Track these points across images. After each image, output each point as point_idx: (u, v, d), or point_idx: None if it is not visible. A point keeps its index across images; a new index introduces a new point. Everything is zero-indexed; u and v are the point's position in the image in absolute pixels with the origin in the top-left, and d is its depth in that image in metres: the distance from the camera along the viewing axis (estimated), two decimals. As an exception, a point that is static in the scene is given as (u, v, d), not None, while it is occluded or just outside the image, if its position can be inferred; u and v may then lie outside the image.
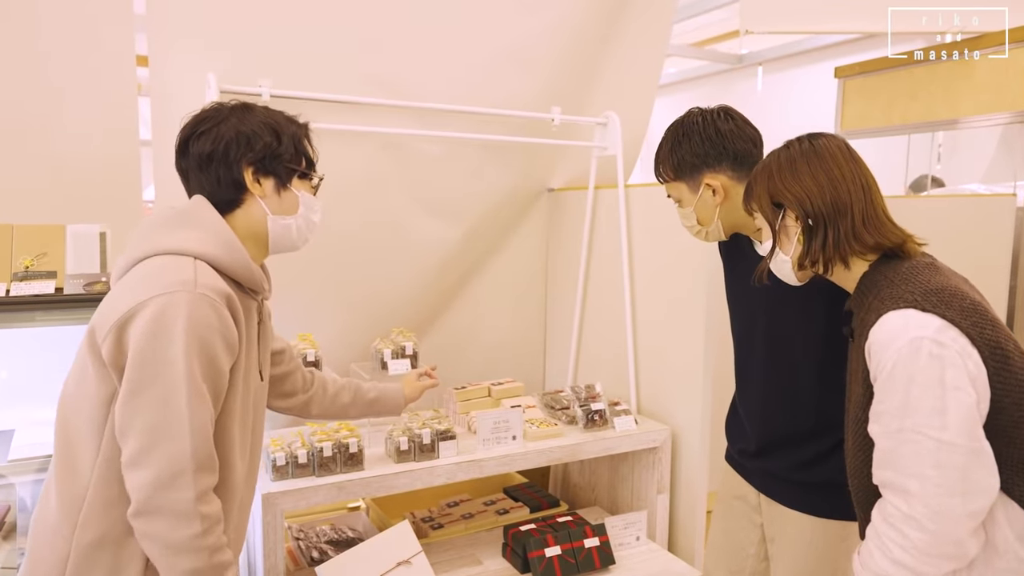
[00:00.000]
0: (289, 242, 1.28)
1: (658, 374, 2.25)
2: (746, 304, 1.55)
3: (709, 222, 1.47)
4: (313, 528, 2.24)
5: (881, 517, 1.08)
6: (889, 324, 1.05)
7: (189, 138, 1.21)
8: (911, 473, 1.03)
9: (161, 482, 1.04)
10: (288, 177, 1.24)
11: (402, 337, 2.09)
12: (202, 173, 1.20)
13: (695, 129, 1.44)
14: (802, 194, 1.15)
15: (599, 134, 2.46)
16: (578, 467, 2.52)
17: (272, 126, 1.22)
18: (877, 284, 1.12)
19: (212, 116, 1.21)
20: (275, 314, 2.20)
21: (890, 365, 1.04)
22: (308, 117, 1.99)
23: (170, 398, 1.05)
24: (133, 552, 1.11)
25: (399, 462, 1.82)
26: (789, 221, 1.18)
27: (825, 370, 1.40)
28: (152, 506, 1.04)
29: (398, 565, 1.75)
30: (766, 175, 1.21)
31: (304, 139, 1.28)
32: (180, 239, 1.14)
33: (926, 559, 1.02)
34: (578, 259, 2.53)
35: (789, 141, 1.22)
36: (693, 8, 4.33)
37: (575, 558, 1.94)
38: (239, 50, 1.92)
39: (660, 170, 1.51)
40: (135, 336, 1.06)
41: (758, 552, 1.57)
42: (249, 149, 1.19)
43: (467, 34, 2.19)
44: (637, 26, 2.46)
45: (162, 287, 1.07)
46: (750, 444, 1.54)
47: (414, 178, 2.28)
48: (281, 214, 1.24)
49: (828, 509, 1.41)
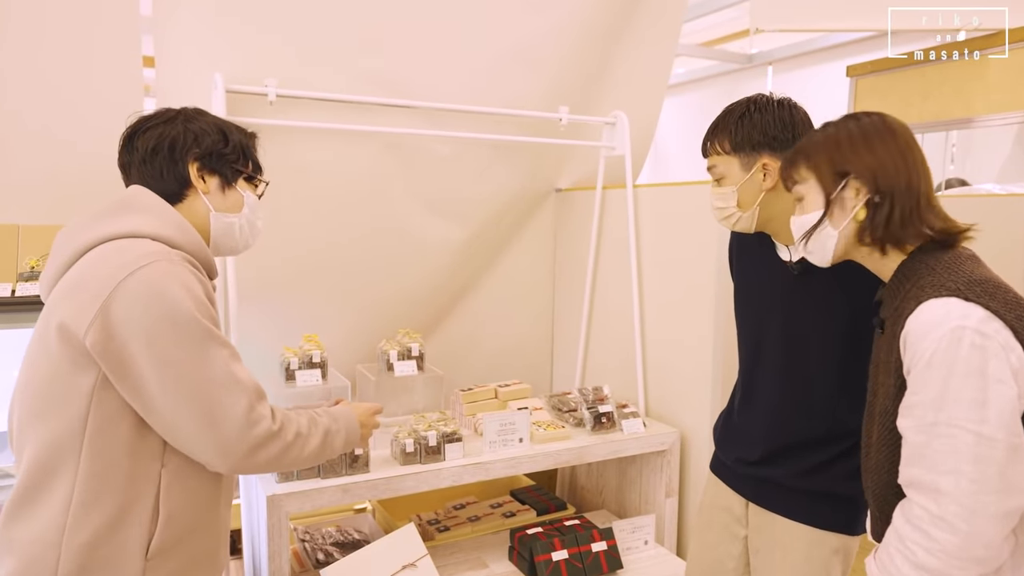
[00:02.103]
0: (232, 242, 1.27)
1: (666, 376, 2.23)
2: (758, 302, 1.51)
3: (748, 207, 1.40)
4: (319, 530, 2.23)
5: (904, 519, 1.05)
6: (929, 312, 1.01)
7: (135, 133, 1.20)
8: (945, 470, 0.98)
9: (241, 431, 1.08)
10: (234, 177, 1.25)
11: (408, 338, 2.08)
12: (146, 166, 1.19)
13: (770, 108, 1.39)
14: (876, 167, 1.10)
15: (607, 134, 2.44)
16: (585, 470, 2.50)
17: (220, 128, 1.24)
18: (917, 272, 1.08)
19: (161, 115, 1.22)
20: (282, 314, 2.21)
21: (928, 354, 1.00)
22: (314, 117, 2.01)
23: (203, 360, 1.06)
24: (131, 545, 1.08)
25: (405, 464, 1.81)
26: (848, 194, 1.12)
27: (843, 372, 1.37)
28: (245, 451, 1.09)
29: (404, 568, 1.74)
30: (830, 144, 1.15)
31: (251, 147, 1.29)
32: (131, 223, 1.11)
33: (954, 563, 0.98)
34: (586, 260, 2.51)
35: (850, 115, 1.17)
36: (703, 7, 4.31)
37: (582, 562, 1.92)
38: (245, 51, 1.92)
39: (715, 141, 1.42)
40: (128, 316, 1.03)
41: (738, 566, 1.53)
42: (196, 145, 1.20)
43: (474, 33, 2.18)
44: (646, 25, 2.44)
45: (135, 262, 1.05)
46: (753, 451, 1.49)
47: (421, 179, 2.27)
48: (224, 211, 1.24)
49: (826, 520, 1.38)
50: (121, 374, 1.05)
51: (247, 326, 1.98)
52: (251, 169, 1.29)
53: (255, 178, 1.30)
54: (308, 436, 1.20)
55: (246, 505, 1.89)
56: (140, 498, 1.09)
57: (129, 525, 1.08)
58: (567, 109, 2.32)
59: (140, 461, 1.09)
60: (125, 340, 1.03)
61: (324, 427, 1.24)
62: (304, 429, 1.19)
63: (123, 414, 1.08)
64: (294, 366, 1.91)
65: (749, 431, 1.51)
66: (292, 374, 1.92)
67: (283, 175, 2.08)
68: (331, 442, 1.25)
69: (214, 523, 1.21)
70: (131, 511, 1.08)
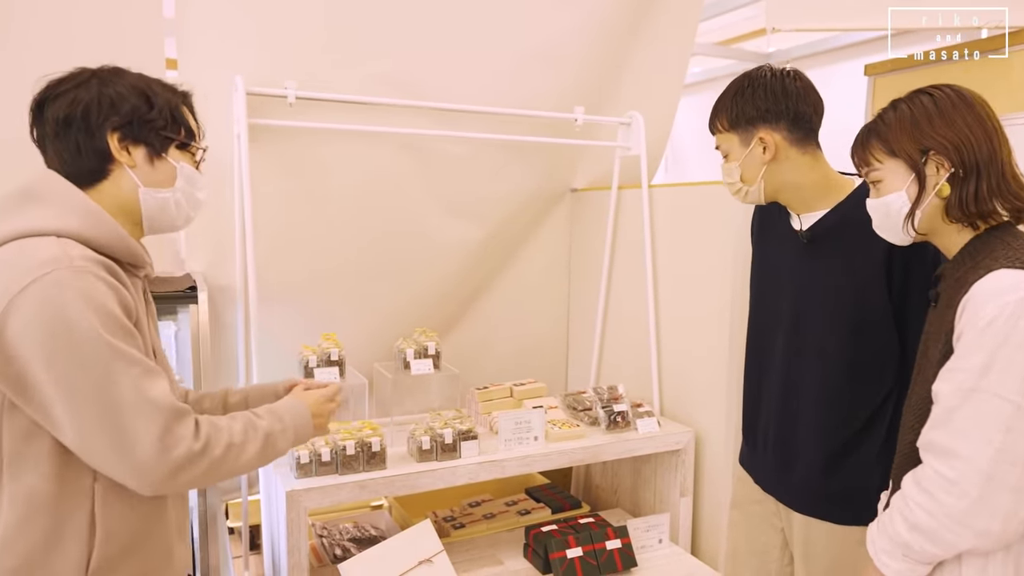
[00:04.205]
0: (168, 218, 1.14)
1: (681, 376, 2.23)
2: (774, 273, 1.52)
3: (753, 180, 1.43)
4: (336, 526, 2.26)
5: (914, 481, 1.05)
6: (998, 280, 1.01)
7: (44, 101, 1.05)
8: (971, 436, 0.98)
9: (156, 458, 0.98)
10: (163, 146, 1.10)
11: (425, 337, 2.10)
12: (59, 141, 1.05)
13: (761, 82, 1.41)
14: (959, 141, 1.08)
15: (623, 134, 2.44)
16: (600, 469, 2.51)
17: (142, 90, 1.08)
18: (991, 245, 1.07)
19: (72, 78, 1.06)
20: (300, 312, 2.24)
21: (987, 320, 0.99)
22: (333, 119, 2.03)
23: (108, 381, 0.96)
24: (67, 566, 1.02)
25: (421, 461, 1.83)
26: (930, 171, 1.10)
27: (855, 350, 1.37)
28: (166, 475, 0.99)
29: (420, 563, 1.76)
30: (904, 123, 1.12)
31: (182, 107, 1.14)
32: (31, 219, 0.99)
33: (952, 527, 0.99)
34: (601, 259, 2.52)
35: (920, 90, 1.14)
36: (719, 6, 4.29)
37: (597, 560, 1.93)
38: (266, 53, 1.95)
39: (716, 120, 1.47)
40: (25, 335, 0.93)
41: (782, 556, 1.55)
42: (114, 112, 1.05)
43: (494, 34, 2.19)
44: (663, 24, 2.44)
45: (31, 272, 0.93)
46: (767, 444, 1.51)
47: (437, 179, 2.28)
48: (155, 186, 1.10)
49: (850, 516, 1.39)
50: (25, 397, 0.97)
51: (267, 326, 2.01)
52: (184, 135, 1.13)
53: (189, 145, 1.15)
54: (244, 444, 1.10)
55: (265, 500, 1.92)
56: (74, 515, 1.01)
57: (65, 544, 1.01)
58: (583, 109, 2.32)
59: (68, 476, 1.01)
60: (25, 362, 0.94)
61: (264, 431, 1.14)
62: (238, 438, 1.09)
63: (39, 431, 1.00)
64: (312, 364, 1.93)
65: (761, 422, 1.52)
66: (311, 371, 1.94)
67: (303, 176, 2.11)
68: (274, 444, 1.15)
69: (162, 534, 1.13)
70: (65, 529, 1.01)
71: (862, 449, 1.37)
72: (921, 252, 1.28)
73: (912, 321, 1.30)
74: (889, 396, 1.36)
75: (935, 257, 1.24)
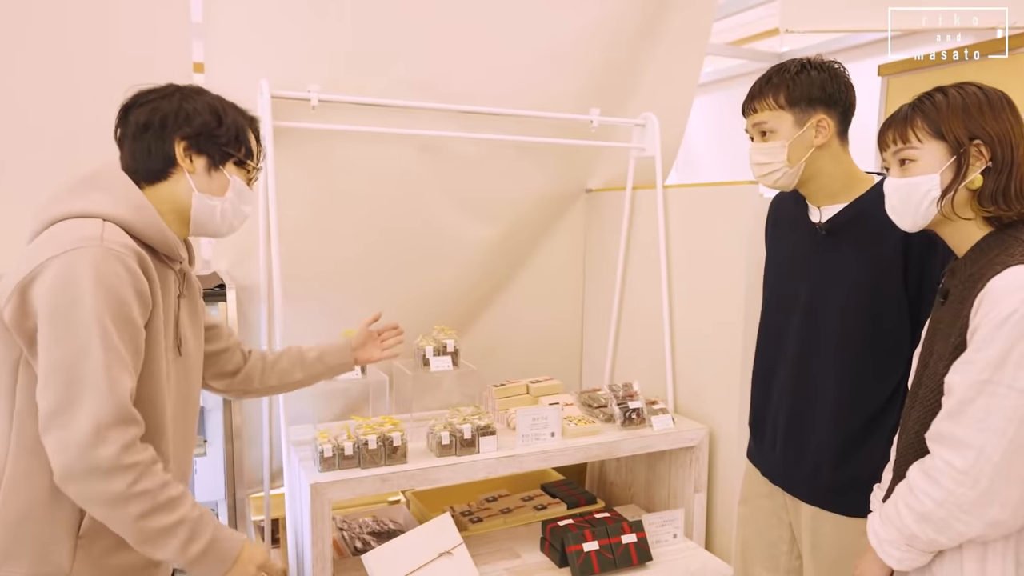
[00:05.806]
0: (213, 224, 1.25)
1: (696, 373, 2.26)
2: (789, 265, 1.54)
3: (796, 162, 1.41)
4: (356, 520, 2.31)
5: (921, 471, 1.06)
6: (1016, 276, 1.03)
7: (131, 107, 1.19)
8: (983, 427, 1.00)
9: (84, 441, 1.00)
10: (222, 159, 1.23)
11: (443, 335, 2.14)
12: (135, 142, 1.18)
13: (826, 66, 1.40)
14: (1003, 135, 1.10)
15: (637, 135, 2.48)
16: (615, 465, 2.54)
17: (216, 109, 1.21)
18: (1005, 243, 1.09)
19: (160, 90, 1.21)
20: (320, 311, 2.28)
21: (1005, 314, 1.01)
22: (354, 121, 2.08)
23: (84, 354, 1.02)
24: (62, 522, 1.08)
25: (440, 456, 1.87)
26: (970, 160, 1.11)
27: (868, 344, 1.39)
28: (79, 469, 1.00)
29: (440, 556, 1.80)
30: (959, 108, 1.12)
31: (248, 130, 1.26)
32: (86, 202, 1.11)
33: (961, 516, 1.00)
34: (615, 259, 2.55)
35: (968, 83, 1.16)
36: (731, 6, 4.30)
37: (613, 554, 1.97)
38: (290, 57, 1.99)
39: (769, 93, 1.41)
40: (41, 295, 1.03)
41: (791, 549, 1.57)
42: (187, 124, 1.18)
43: (513, 37, 2.23)
44: (677, 26, 2.46)
45: (67, 244, 1.05)
46: (776, 437, 1.53)
47: (455, 179, 2.33)
48: (208, 193, 1.22)
49: (859, 508, 1.40)
50: (32, 352, 1.06)
51: (290, 323, 2.06)
52: (243, 154, 1.25)
53: (246, 163, 1.27)
54: (169, 511, 1.05)
55: (289, 493, 1.97)
56: None
57: (61, 502, 1.07)
58: (598, 111, 2.36)
59: None
60: (36, 319, 1.04)
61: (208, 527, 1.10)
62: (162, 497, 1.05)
63: None
64: (334, 361, 1.98)
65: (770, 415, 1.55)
66: (333, 368, 1.99)
67: (324, 176, 2.16)
68: (190, 540, 1.07)
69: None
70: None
71: (872, 441, 1.39)
72: (936, 248, 1.30)
73: (926, 316, 1.32)
74: (899, 389, 1.38)
75: (948, 254, 1.26)
